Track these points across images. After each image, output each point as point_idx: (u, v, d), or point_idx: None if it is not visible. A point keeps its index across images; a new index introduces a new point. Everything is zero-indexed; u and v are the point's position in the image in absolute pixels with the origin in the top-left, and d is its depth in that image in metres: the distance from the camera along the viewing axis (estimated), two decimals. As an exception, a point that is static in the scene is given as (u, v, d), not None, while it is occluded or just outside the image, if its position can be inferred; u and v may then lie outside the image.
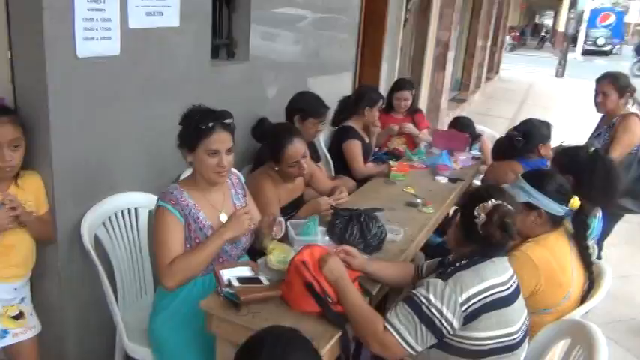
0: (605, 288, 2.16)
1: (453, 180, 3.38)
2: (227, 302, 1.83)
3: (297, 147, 2.55)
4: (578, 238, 2.13)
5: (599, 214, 2.69)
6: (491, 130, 4.89)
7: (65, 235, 2.21)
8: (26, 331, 2.13)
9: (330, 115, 3.93)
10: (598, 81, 3.48)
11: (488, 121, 10.11)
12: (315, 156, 3.53)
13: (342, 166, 3.77)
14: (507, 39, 21.12)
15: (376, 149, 4.43)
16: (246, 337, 1.83)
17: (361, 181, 3.48)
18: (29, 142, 2.05)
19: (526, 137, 3.08)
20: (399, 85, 4.45)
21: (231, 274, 1.92)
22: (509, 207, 1.74)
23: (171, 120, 2.13)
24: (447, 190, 3.23)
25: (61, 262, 2.22)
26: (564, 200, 2.09)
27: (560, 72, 17.65)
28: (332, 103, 3.98)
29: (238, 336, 1.83)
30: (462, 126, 4.16)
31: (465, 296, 1.63)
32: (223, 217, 2.14)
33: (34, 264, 2.15)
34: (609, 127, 3.41)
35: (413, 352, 1.66)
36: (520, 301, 1.79)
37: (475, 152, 4.12)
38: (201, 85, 2.80)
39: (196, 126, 2.01)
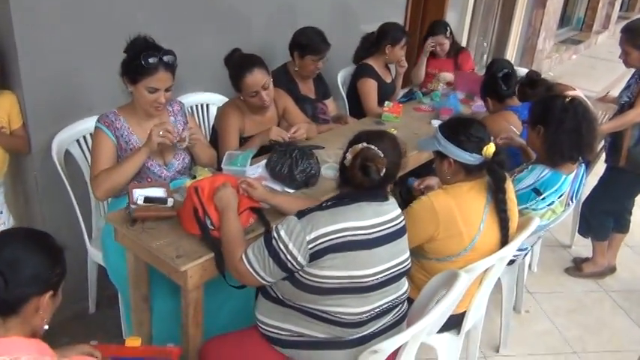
0: (518, 242, 2.05)
1: (449, 124, 3.23)
2: (128, 217, 2.03)
3: (256, 77, 2.59)
4: (495, 188, 2.01)
5: (577, 169, 2.49)
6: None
7: (40, 148, 2.52)
8: None
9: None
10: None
11: (601, 66, 9.09)
12: (324, 92, 3.54)
13: (358, 104, 3.75)
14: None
15: (416, 89, 4.32)
16: (140, 250, 2.04)
17: None
18: (2, 65, 2.36)
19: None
20: (431, 30, 4.22)
21: (142, 193, 2.09)
22: (378, 151, 1.72)
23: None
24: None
25: (37, 171, 2.56)
26: (476, 148, 1.97)
27: None
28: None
29: (136, 248, 2.05)
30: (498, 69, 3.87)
31: (313, 235, 1.66)
32: (156, 142, 2.33)
33: (4, 171, 2.49)
34: (639, 77, 3.01)
35: (264, 282, 1.75)
36: (390, 248, 1.76)
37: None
38: (199, 6, 2.92)
39: (140, 63, 2.14)
